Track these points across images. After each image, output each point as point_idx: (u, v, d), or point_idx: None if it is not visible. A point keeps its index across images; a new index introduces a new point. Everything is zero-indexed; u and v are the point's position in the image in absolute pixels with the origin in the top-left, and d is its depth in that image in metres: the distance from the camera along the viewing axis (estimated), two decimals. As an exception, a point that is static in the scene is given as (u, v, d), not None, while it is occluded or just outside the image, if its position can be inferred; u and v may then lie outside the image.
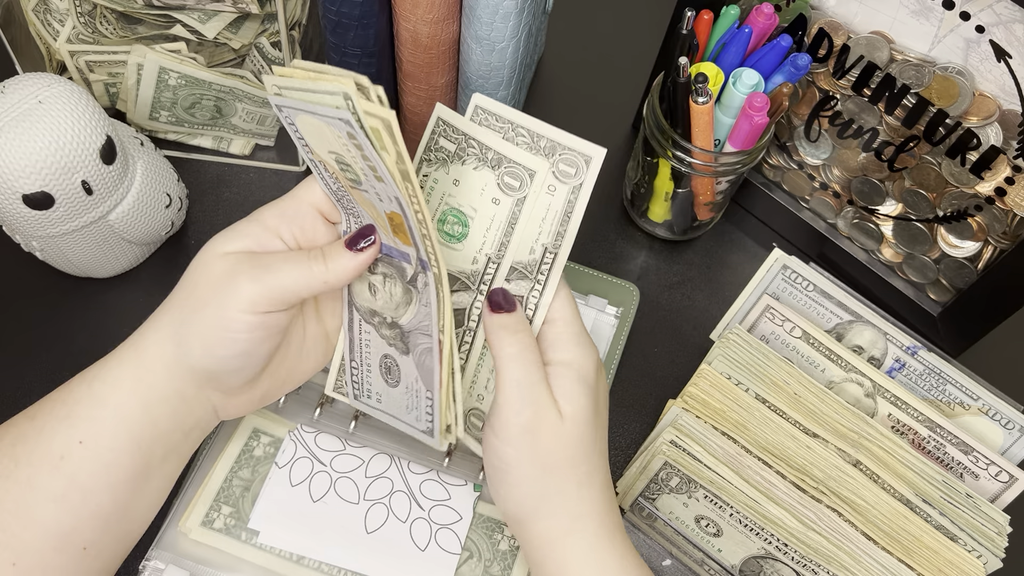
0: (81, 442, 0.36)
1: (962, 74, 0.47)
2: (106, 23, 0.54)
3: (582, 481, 0.38)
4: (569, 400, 0.38)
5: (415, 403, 0.41)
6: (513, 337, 0.38)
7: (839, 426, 0.46)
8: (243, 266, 0.37)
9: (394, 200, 0.36)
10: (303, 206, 0.39)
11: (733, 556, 0.45)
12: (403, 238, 0.38)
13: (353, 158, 0.35)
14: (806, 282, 0.50)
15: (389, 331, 0.41)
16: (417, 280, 0.39)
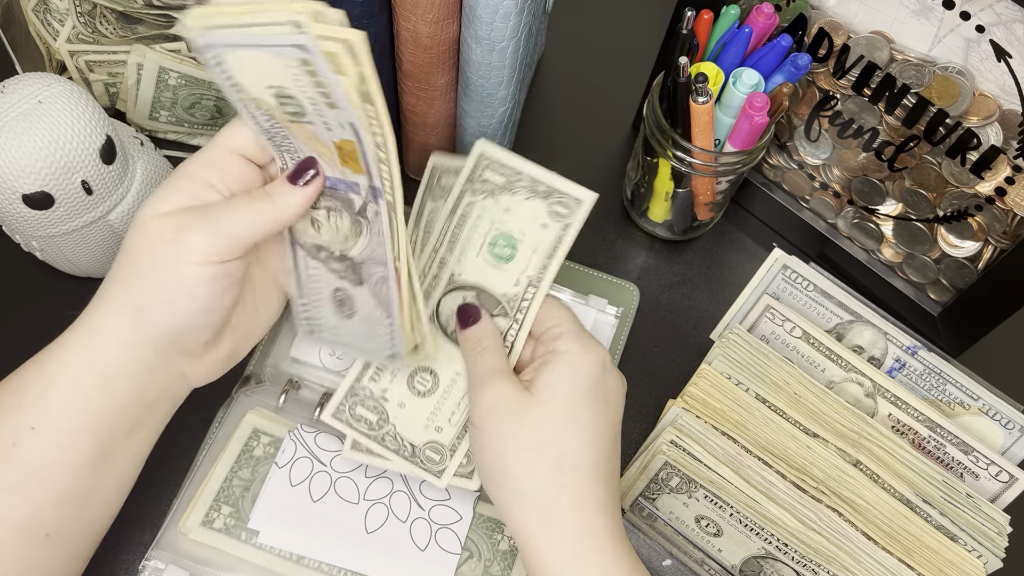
0: (33, 428, 0.35)
1: (962, 74, 0.47)
2: (106, 23, 0.54)
3: (557, 465, 0.37)
4: (547, 384, 0.38)
5: (375, 331, 0.42)
6: (476, 343, 0.41)
7: (839, 426, 0.46)
8: (188, 220, 0.36)
9: (347, 126, 0.35)
10: (226, 153, 0.38)
11: (733, 556, 0.45)
12: (354, 166, 0.38)
13: (302, 87, 0.34)
14: (806, 282, 0.50)
15: (339, 264, 0.41)
16: (367, 210, 0.39)
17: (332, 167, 0.39)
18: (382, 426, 0.44)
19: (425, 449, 0.43)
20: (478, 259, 0.44)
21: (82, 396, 0.36)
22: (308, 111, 0.35)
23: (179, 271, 0.36)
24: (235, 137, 0.38)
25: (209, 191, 0.38)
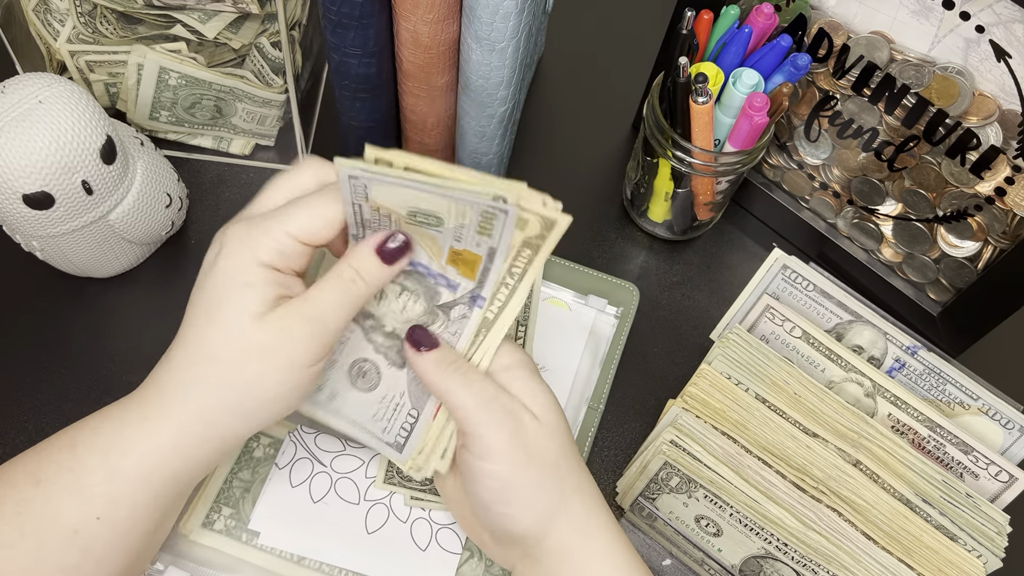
0: (99, 518, 0.34)
1: (962, 74, 0.47)
2: (106, 23, 0.54)
3: (578, 473, 0.38)
4: (533, 398, 0.37)
5: (390, 415, 0.40)
6: (453, 366, 0.37)
7: (839, 426, 0.46)
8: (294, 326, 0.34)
9: (483, 246, 0.36)
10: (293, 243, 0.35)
11: (733, 556, 0.46)
12: (464, 270, 0.38)
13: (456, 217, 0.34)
14: (806, 282, 0.50)
15: (384, 339, 0.40)
16: (453, 309, 0.39)
17: (432, 261, 0.38)
18: (431, 480, 0.45)
19: None
20: None
21: (152, 490, 0.35)
22: (446, 227, 0.35)
23: (287, 381, 0.35)
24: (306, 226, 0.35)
25: (290, 280, 0.35)
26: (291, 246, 0.35)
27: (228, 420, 0.35)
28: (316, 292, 0.35)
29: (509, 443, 0.36)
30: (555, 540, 0.37)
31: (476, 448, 0.36)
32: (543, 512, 0.37)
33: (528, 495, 0.36)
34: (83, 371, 0.51)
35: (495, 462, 0.36)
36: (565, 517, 0.37)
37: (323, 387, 0.41)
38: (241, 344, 0.34)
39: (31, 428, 0.48)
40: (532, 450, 0.36)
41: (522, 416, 0.36)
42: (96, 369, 0.51)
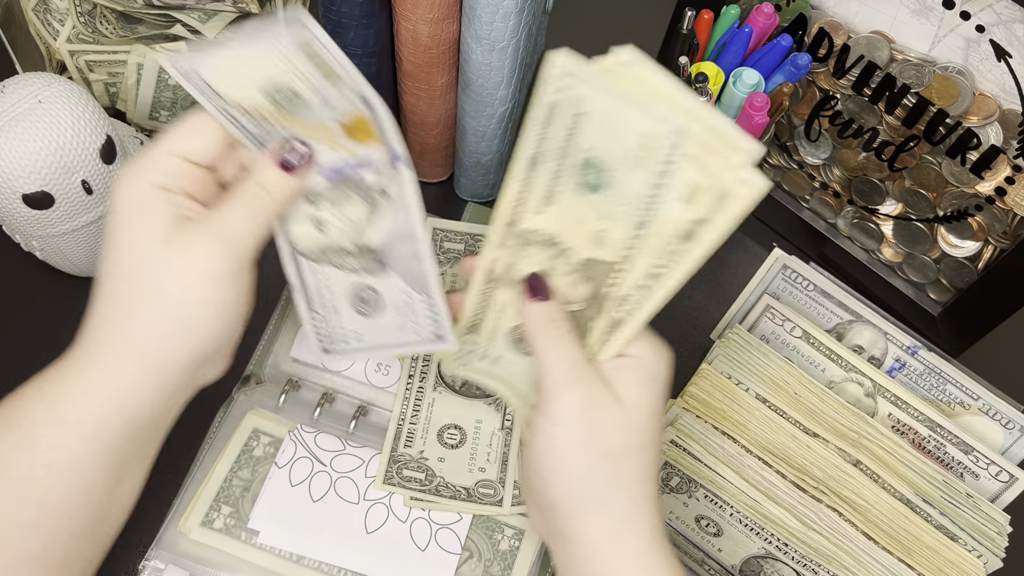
0: (48, 467, 0.34)
1: (962, 74, 0.47)
2: (106, 23, 0.54)
3: (637, 476, 0.36)
4: (631, 388, 0.36)
5: (411, 318, 0.40)
6: (551, 323, 0.37)
7: (839, 426, 0.46)
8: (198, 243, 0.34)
9: (357, 99, 0.34)
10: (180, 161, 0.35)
11: (733, 556, 0.45)
12: (363, 137, 0.36)
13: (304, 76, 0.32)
14: (806, 282, 0.50)
15: (356, 259, 0.39)
16: (388, 186, 0.37)
17: (335, 149, 0.36)
18: (431, 480, 0.45)
19: (478, 488, 0.45)
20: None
21: (102, 439, 0.35)
22: (309, 98, 0.34)
23: (213, 297, 0.34)
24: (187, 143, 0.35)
25: (187, 201, 0.35)
26: (178, 165, 0.35)
27: (163, 350, 0.35)
28: (223, 209, 0.35)
29: (574, 413, 0.35)
30: (587, 529, 0.36)
31: (545, 405, 0.36)
32: (584, 494, 0.36)
33: (575, 470, 0.35)
34: (83, 371, 0.50)
35: (554, 424, 0.35)
36: (604, 511, 0.36)
37: (344, 335, 0.41)
38: (154, 268, 0.34)
39: (31, 428, 0.48)
40: (596, 431, 0.35)
41: (600, 395, 0.36)
42: (96, 369, 0.51)
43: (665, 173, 0.32)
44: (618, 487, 0.35)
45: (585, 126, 0.32)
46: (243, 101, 0.34)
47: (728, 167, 0.30)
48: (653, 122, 0.31)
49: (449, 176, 0.61)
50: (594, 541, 0.36)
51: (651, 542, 0.36)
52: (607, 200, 0.34)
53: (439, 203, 0.60)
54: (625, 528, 0.35)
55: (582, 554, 0.36)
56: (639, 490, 0.36)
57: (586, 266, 0.36)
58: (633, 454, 0.36)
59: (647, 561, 0.35)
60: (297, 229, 0.39)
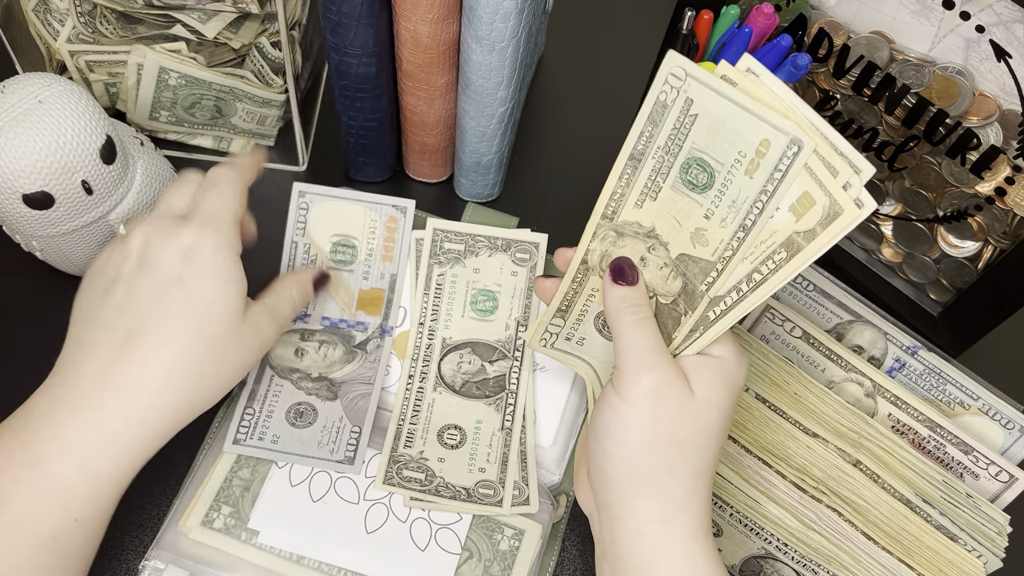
0: (77, 520, 0.36)
1: (962, 74, 0.47)
2: (106, 23, 0.54)
3: (696, 468, 0.36)
4: (706, 384, 0.37)
5: (334, 438, 0.46)
6: (632, 307, 0.38)
7: (839, 426, 0.46)
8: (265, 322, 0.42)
9: (387, 277, 0.50)
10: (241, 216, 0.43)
11: (733, 556, 0.45)
12: (371, 310, 0.50)
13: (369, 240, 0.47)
14: (806, 282, 0.50)
15: (313, 384, 0.48)
16: (368, 344, 0.49)
17: (345, 312, 0.50)
18: (431, 480, 0.46)
19: (478, 488, 0.46)
20: (464, 320, 0.50)
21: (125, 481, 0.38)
22: (356, 260, 0.50)
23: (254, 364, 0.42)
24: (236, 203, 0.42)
25: None
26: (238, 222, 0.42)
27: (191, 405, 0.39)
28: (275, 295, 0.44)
29: (645, 395, 0.36)
30: (638, 510, 0.36)
31: (618, 384, 0.37)
32: (641, 475, 0.36)
33: (637, 449, 0.36)
34: (83, 371, 0.50)
35: (625, 402, 0.36)
36: (658, 495, 0.36)
37: (263, 434, 0.46)
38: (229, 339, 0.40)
39: (31, 428, 0.48)
40: (664, 417, 0.36)
41: (673, 384, 0.36)
42: (96, 369, 0.51)
43: (777, 180, 0.32)
44: (676, 475, 0.36)
45: (697, 126, 0.33)
46: (319, 242, 0.50)
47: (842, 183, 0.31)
48: (771, 129, 0.32)
49: (449, 176, 0.61)
50: (644, 523, 0.36)
51: (696, 535, 0.36)
52: (712, 200, 0.35)
53: (439, 203, 0.60)
54: (677, 516, 0.36)
55: (629, 534, 0.36)
56: (695, 482, 0.36)
57: (681, 261, 0.37)
58: (696, 446, 0.36)
59: (692, 552, 0.36)
60: (279, 350, 0.49)
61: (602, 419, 0.37)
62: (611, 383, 0.38)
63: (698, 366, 0.37)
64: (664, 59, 0.33)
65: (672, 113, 0.34)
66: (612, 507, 0.37)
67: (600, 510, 0.38)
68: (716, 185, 0.34)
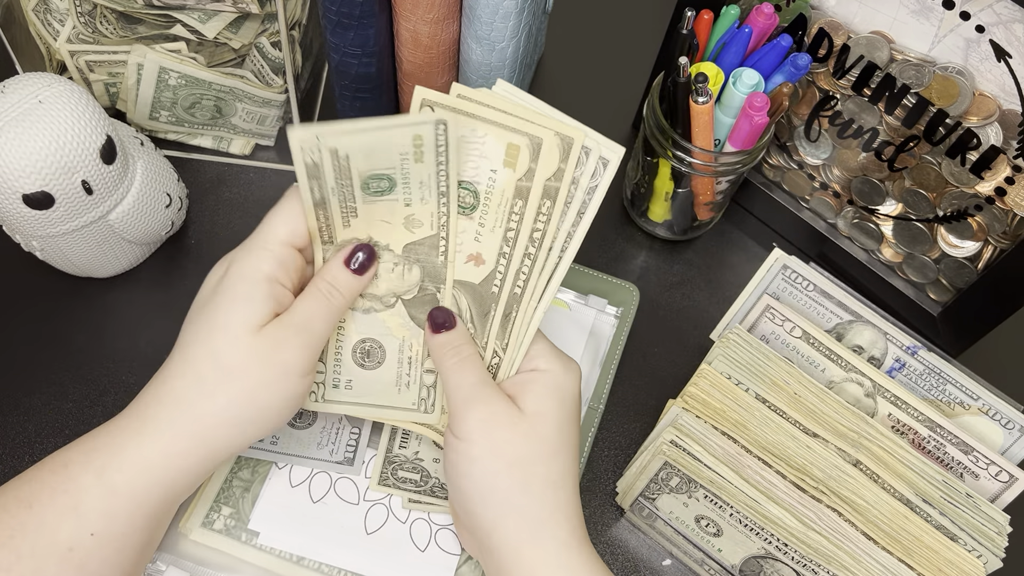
0: (93, 534, 0.35)
1: (962, 74, 0.47)
2: (106, 23, 0.54)
3: (549, 481, 0.38)
4: (533, 400, 0.38)
5: (333, 439, 0.45)
6: (453, 351, 0.39)
7: (839, 426, 0.46)
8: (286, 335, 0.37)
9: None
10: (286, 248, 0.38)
11: (733, 556, 0.45)
12: None
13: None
14: (806, 282, 0.50)
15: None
16: None
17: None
18: (427, 481, 0.46)
19: None
20: None
21: (146, 506, 0.36)
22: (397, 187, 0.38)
23: (285, 391, 0.37)
24: (288, 228, 0.38)
25: (284, 292, 0.38)
26: (285, 253, 0.38)
27: (222, 432, 0.37)
28: (301, 308, 0.38)
29: (478, 428, 0.38)
30: (506, 535, 0.37)
31: (453, 424, 0.39)
32: (499, 501, 0.37)
33: (487, 480, 0.37)
34: (83, 371, 0.51)
35: (462, 440, 0.38)
36: (519, 516, 0.37)
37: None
38: (241, 355, 0.36)
39: (31, 428, 0.48)
40: (501, 442, 0.37)
41: (501, 410, 0.38)
42: (96, 369, 0.51)
43: (444, 153, 0.36)
44: (530, 493, 0.37)
45: (351, 161, 0.36)
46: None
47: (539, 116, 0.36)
48: (412, 127, 0.35)
49: (449, 176, 0.61)
50: (514, 546, 0.37)
51: (569, 544, 0.37)
52: (403, 192, 0.38)
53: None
54: (543, 532, 0.37)
55: (505, 561, 0.37)
56: (554, 495, 0.38)
57: (409, 251, 0.40)
58: (542, 461, 0.38)
59: (568, 561, 0.37)
60: None
61: (449, 462, 0.39)
62: (448, 430, 0.39)
63: (524, 384, 0.39)
64: (290, 136, 0.35)
65: (324, 166, 0.36)
66: (485, 541, 0.38)
67: (479, 548, 0.39)
68: (399, 182, 0.37)
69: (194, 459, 0.36)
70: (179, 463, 0.36)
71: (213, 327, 0.37)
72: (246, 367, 0.36)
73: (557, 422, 0.38)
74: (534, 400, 0.38)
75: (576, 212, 0.38)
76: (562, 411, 0.39)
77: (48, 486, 0.35)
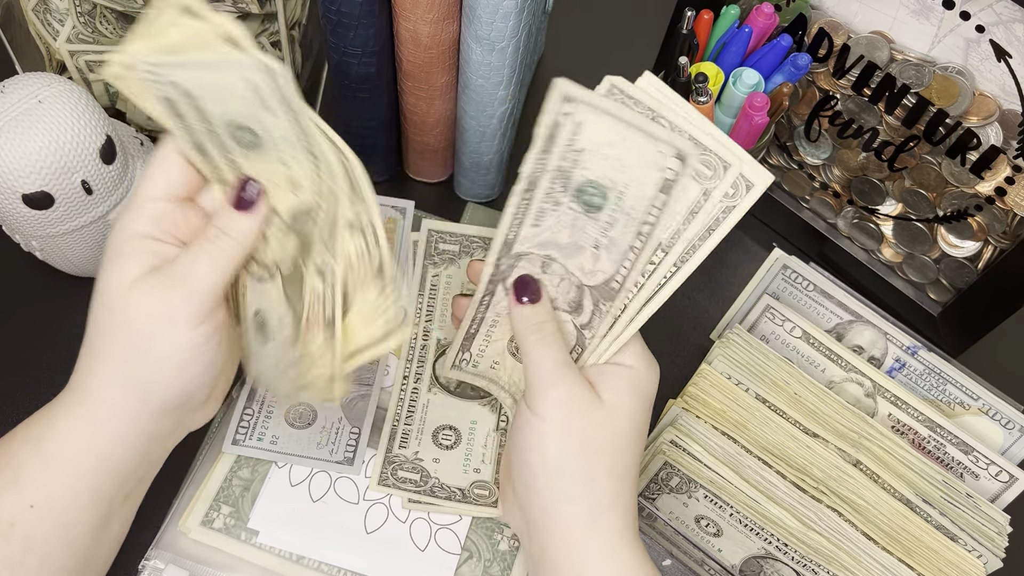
0: (32, 506, 0.34)
1: (962, 74, 0.47)
2: (106, 23, 0.54)
3: (615, 472, 0.37)
4: (615, 392, 0.38)
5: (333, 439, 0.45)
6: (536, 326, 0.39)
7: (839, 426, 0.46)
8: (165, 285, 0.35)
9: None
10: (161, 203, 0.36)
11: (733, 556, 0.45)
12: None
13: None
14: (806, 282, 0.50)
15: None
16: None
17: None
18: (427, 481, 0.46)
19: (473, 489, 0.46)
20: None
21: (84, 476, 0.35)
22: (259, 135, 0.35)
23: (175, 342, 0.35)
24: (163, 182, 0.36)
25: (163, 247, 0.36)
26: (160, 208, 0.36)
27: (135, 393, 0.36)
28: (185, 256, 0.36)
29: (556, 407, 0.37)
30: (563, 518, 0.37)
31: (530, 400, 0.38)
32: (562, 484, 0.37)
33: (555, 460, 0.37)
34: (83, 371, 0.50)
35: (538, 417, 0.37)
36: (580, 501, 0.37)
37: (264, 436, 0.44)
38: (121, 311, 0.35)
39: (31, 428, 0.48)
40: (576, 426, 0.37)
41: (581, 394, 0.38)
42: (96, 369, 0.51)
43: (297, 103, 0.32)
44: (595, 481, 0.37)
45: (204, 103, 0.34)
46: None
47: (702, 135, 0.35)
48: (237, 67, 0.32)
49: (449, 176, 0.61)
50: (569, 530, 0.37)
51: (623, 536, 0.37)
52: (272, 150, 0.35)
53: (439, 203, 0.60)
54: (601, 520, 0.37)
55: (556, 543, 0.37)
56: (617, 485, 0.37)
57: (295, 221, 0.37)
58: (611, 452, 0.38)
59: (619, 552, 0.37)
60: None
61: (520, 435, 0.38)
62: (524, 401, 0.39)
63: (606, 375, 0.39)
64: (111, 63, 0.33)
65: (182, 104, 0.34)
66: (539, 519, 0.38)
67: (528, 525, 0.39)
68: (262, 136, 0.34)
69: (118, 427, 0.36)
70: (106, 432, 0.36)
71: (97, 293, 0.36)
72: (129, 323, 0.35)
73: (632, 417, 0.38)
74: (615, 392, 0.38)
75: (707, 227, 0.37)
76: (639, 407, 0.39)
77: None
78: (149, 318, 0.35)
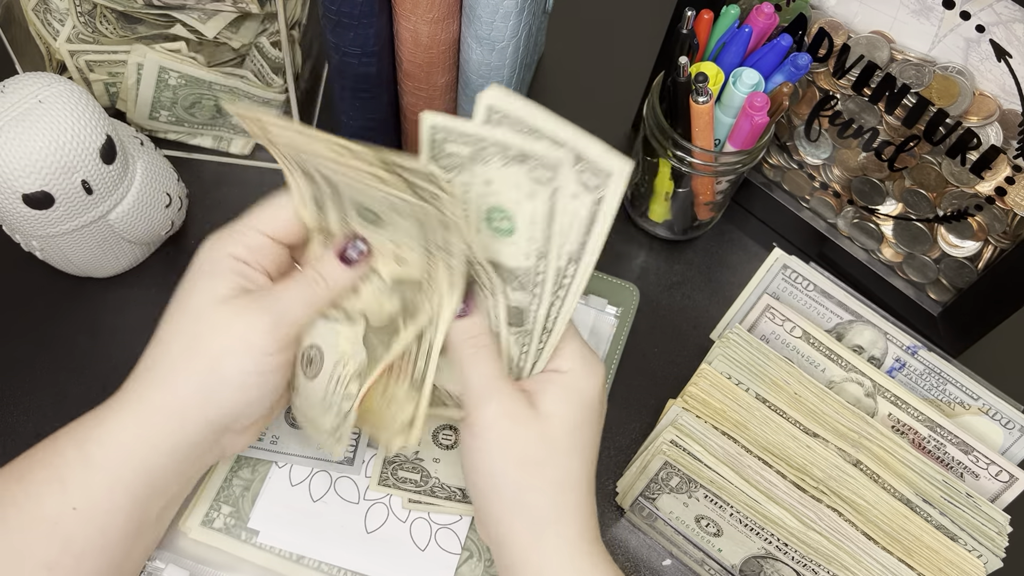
0: (75, 508, 0.35)
1: (962, 74, 0.47)
2: (106, 23, 0.54)
3: (560, 483, 0.37)
4: (549, 400, 0.38)
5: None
6: (472, 340, 0.39)
7: (839, 426, 0.46)
8: (249, 309, 0.36)
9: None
10: (263, 238, 0.38)
11: (733, 556, 0.45)
12: None
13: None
14: (806, 282, 0.50)
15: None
16: None
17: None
18: (427, 481, 0.46)
19: None
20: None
21: (126, 484, 0.36)
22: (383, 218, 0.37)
23: (247, 364, 0.36)
24: (269, 220, 0.38)
25: (254, 273, 0.38)
26: (257, 240, 0.38)
27: (191, 404, 0.36)
28: (279, 287, 0.38)
29: (491, 423, 0.37)
30: (514, 532, 0.37)
31: (467, 418, 0.38)
32: (509, 499, 0.37)
33: (497, 476, 0.37)
34: (83, 371, 0.51)
35: (475, 436, 0.38)
36: (527, 514, 0.37)
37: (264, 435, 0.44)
38: (202, 325, 0.36)
39: (30, 428, 0.48)
40: (513, 440, 0.37)
41: (515, 407, 0.37)
42: (96, 369, 0.51)
43: None
44: (540, 492, 0.37)
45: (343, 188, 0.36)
46: None
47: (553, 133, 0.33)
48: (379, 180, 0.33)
49: (449, 176, 0.61)
50: (521, 544, 0.37)
51: (578, 544, 0.37)
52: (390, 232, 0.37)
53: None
54: (549, 531, 0.37)
55: (512, 557, 0.37)
56: (562, 497, 0.37)
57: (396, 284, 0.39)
58: (550, 464, 0.37)
59: (574, 562, 0.37)
60: None
61: (463, 456, 0.39)
62: (463, 425, 0.39)
63: (543, 383, 0.38)
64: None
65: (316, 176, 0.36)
66: (494, 535, 0.38)
67: (489, 541, 0.39)
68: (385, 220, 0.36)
69: (165, 434, 0.36)
70: (152, 438, 0.36)
71: (178, 303, 0.37)
72: (207, 337, 0.36)
73: (571, 424, 0.38)
74: (550, 400, 0.38)
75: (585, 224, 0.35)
76: (577, 413, 0.38)
77: (37, 460, 0.36)
78: (230, 337, 0.36)
